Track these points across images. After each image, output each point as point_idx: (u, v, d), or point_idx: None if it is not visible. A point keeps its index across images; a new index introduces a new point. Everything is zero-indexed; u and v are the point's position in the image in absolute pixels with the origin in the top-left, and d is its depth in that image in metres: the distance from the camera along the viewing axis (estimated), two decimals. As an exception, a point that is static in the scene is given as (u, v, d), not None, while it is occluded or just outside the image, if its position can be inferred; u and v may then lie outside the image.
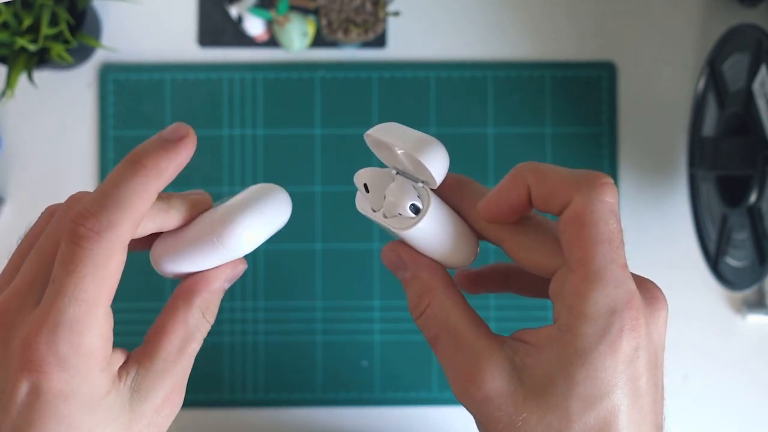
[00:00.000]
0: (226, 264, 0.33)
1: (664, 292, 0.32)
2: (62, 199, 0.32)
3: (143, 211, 0.29)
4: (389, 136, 0.32)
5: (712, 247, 0.67)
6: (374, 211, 0.33)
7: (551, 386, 0.28)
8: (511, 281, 0.37)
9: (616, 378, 0.28)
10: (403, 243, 0.33)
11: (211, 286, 0.33)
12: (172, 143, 0.30)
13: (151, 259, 0.33)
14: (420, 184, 0.32)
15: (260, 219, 0.33)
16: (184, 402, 0.32)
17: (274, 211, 0.34)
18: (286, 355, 0.70)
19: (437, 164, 0.31)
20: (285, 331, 0.71)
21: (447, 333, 0.31)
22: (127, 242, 0.29)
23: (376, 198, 0.33)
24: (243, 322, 0.70)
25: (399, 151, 0.32)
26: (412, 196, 0.32)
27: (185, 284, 0.33)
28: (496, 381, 0.29)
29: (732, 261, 0.64)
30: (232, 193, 0.34)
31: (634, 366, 0.28)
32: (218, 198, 0.35)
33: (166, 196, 0.32)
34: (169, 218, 0.32)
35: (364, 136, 0.33)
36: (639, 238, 0.71)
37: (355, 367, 0.71)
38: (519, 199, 0.31)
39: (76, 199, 0.31)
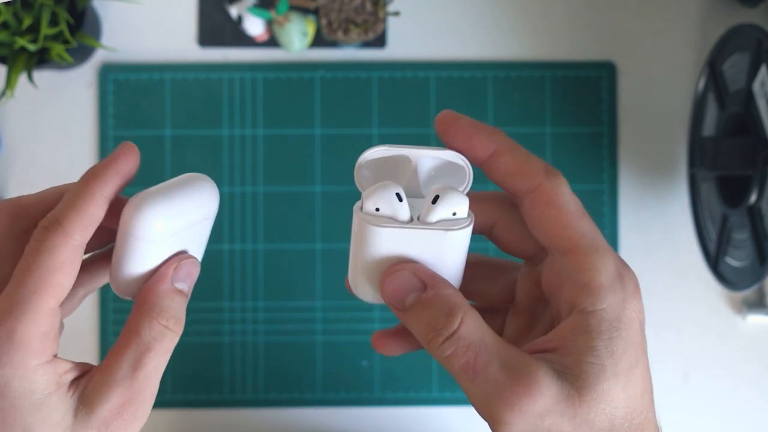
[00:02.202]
0: (168, 263, 0.33)
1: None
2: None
3: (92, 213, 0.31)
4: (409, 150, 0.31)
5: (712, 247, 0.67)
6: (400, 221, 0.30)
7: (598, 374, 0.28)
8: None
9: (640, 337, 0.29)
10: (415, 263, 0.30)
11: (157, 289, 0.32)
12: (113, 156, 0.32)
13: (111, 285, 0.34)
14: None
15: (171, 205, 0.32)
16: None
17: (190, 198, 0.34)
18: (286, 355, 0.70)
19: (470, 164, 0.32)
20: (285, 331, 0.71)
21: (487, 352, 0.28)
22: (79, 241, 0.30)
23: (406, 208, 0.30)
24: (243, 322, 0.70)
25: (424, 160, 0.31)
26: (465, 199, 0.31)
27: (138, 295, 0.33)
28: (552, 388, 0.27)
29: (732, 261, 0.64)
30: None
31: (642, 320, 0.29)
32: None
33: None
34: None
35: (363, 158, 0.31)
36: (639, 238, 0.71)
37: (355, 367, 0.71)
38: (476, 151, 0.31)
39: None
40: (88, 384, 0.30)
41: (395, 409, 0.71)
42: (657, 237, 0.71)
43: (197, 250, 0.35)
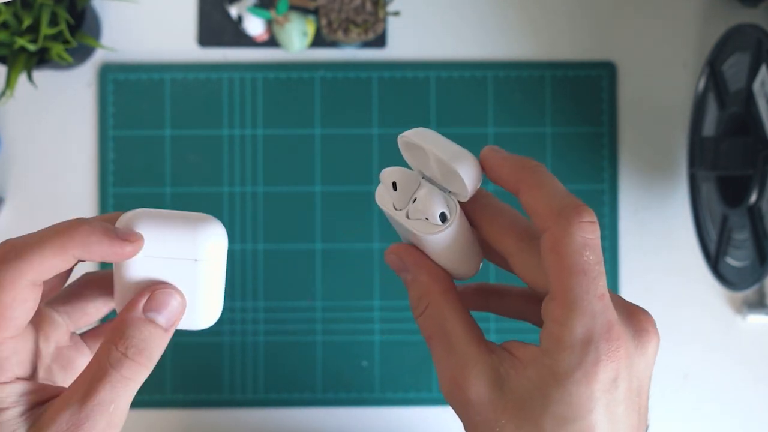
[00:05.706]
0: (142, 292, 0.32)
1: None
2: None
3: (54, 263, 0.31)
4: (428, 142, 0.33)
5: (712, 247, 0.67)
6: (396, 209, 0.33)
7: (529, 401, 0.29)
8: (490, 302, 0.37)
9: (592, 404, 0.29)
10: (408, 246, 0.34)
11: (124, 316, 0.32)
12: (118, 240, 0.32)
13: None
14: (449, 194, 0.33)
15: (156, 225, 0.32)
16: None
17: (182, 230, 0.33)
18: (286, 355, 0.70)
19: (472, 178, 0.32)
20: (285, 331, 0.71)
21: (441, 335, 0.32)
22: (31, 280, 0.31)
23: (402, 198, 0.33)
24: (243, 322, 0.70)
25: (434, 158, 0.32)
26: (442, 205, 0.32)
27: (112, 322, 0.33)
28: (479, 387, 0.30)
29: (732, 261, 0.64)
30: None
31: (611, 394, 0.29)
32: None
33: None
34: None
35: (399, 137, 0.34)
36: (639, 238, 0.71)
37: (355, 367, 0.71)
38: (506, 187, 0.32)
39: None
40: (47, 408, 0.30)
41: (395, 409, 0.71)
42: (657, 237, 0.71)
43: (191, 291, 0.34)
